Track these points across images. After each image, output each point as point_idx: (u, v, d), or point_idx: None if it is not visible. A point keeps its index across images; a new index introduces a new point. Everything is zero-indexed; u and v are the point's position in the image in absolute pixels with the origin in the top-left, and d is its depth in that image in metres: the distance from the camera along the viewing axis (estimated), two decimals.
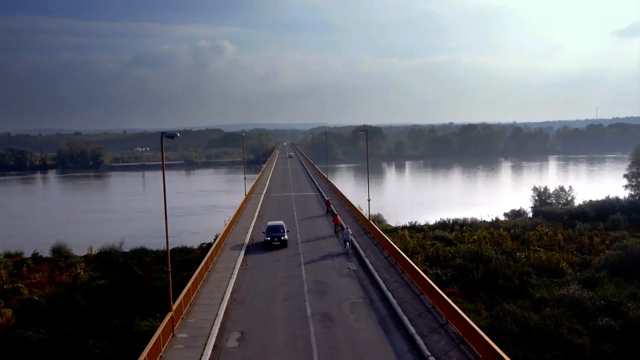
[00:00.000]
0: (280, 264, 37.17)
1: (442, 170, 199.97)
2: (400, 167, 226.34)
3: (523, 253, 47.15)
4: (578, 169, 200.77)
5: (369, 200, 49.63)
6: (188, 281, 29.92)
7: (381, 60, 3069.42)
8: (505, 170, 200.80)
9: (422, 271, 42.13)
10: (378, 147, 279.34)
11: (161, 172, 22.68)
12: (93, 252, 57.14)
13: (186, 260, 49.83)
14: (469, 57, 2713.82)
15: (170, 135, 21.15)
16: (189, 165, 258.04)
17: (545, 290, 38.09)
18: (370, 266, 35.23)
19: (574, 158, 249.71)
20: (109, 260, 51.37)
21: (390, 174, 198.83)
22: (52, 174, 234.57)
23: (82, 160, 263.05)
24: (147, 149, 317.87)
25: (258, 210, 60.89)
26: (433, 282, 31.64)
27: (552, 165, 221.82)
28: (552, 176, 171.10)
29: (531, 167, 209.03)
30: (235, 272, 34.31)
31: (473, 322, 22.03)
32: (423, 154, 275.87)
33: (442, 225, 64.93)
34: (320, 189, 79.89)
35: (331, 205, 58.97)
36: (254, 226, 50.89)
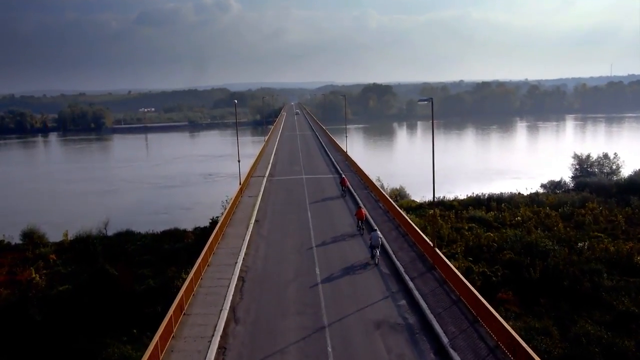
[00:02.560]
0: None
1: (456, 132, 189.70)
2: (412, 128, 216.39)
3: (585, 242, 38.60)
4: (597, 129, 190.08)
5: (433, 208, 31.64)
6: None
7: (389, 17, 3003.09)
8: (522, 131, 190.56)
9: (465, 269, 34.15)
10: (389, 107, 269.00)
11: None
12: (69, 239, 48.92)
13: (174, 252, 41.71)
14: (479, 12, 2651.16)
15: None
16: (193, 126, 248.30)
17: (627, 298, 29.74)
18: None
19: (592, 117, 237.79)
20: (85, 250, 43.23)
21: (402, 136, 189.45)
22: (52, 137, 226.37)
23: (83, 122, 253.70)
24: (152, 109, 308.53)
25: (257, 207, 42.28)
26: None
27: (570, 125, 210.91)
28: (570, 136, 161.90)
29: (548, 128, 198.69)
30: None
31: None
32: (435, 113, 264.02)
33: (476, 201, 56.05)
34: (337, 167, 64.58)
35: (347, 184, 48.99)
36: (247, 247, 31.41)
